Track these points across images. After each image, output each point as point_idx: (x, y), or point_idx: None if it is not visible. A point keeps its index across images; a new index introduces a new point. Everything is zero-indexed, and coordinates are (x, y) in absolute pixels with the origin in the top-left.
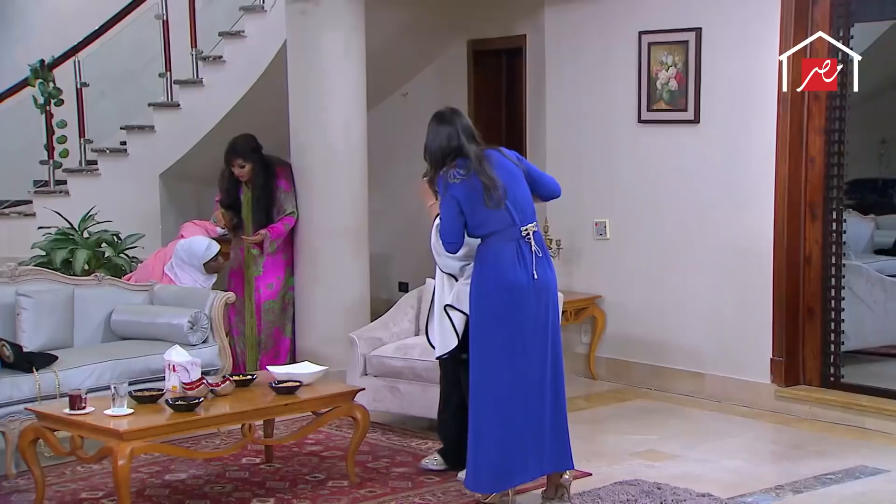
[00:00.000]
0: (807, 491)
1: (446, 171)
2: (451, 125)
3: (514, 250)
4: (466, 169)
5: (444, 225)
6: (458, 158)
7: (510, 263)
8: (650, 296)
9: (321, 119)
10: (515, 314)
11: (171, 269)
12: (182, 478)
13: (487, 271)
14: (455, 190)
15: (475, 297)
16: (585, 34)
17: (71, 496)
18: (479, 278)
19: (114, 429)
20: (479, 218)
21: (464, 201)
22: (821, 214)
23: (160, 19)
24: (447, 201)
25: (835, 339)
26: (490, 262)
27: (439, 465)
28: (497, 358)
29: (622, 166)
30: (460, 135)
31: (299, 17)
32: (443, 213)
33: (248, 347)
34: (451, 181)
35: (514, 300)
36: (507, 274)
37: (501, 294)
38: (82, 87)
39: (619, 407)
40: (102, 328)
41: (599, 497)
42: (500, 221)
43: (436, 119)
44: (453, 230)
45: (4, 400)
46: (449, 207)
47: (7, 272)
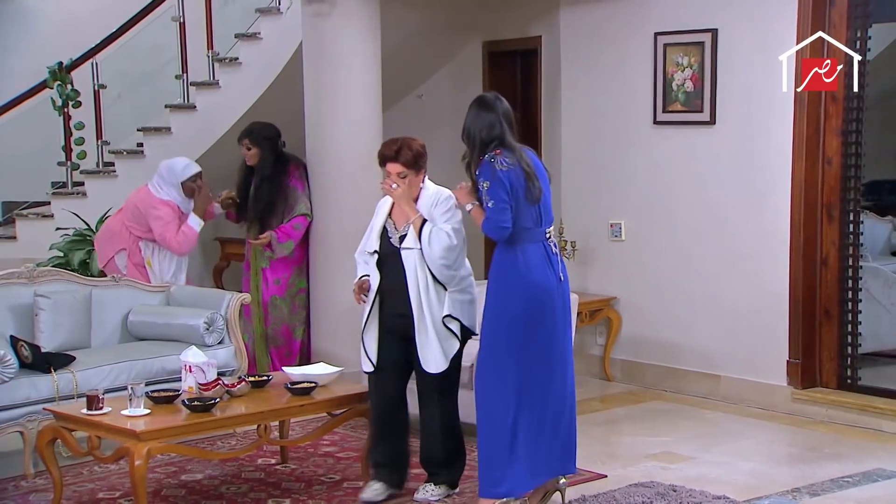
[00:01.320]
0: (823, 494)
1: (493, 157)
2: (493, 112)
3: (542, 251)
4: (513, 158)
5: (496, 210)
6: (501, 147)
7: (540, 265)
8: (665, 297)
9: (336, 120)
10: (547, 318)
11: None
12: (198, 478)
13: (516, 273)
14: (503, 175)
15: (501, 301)
16: (601, 35)
17: (88, 496)
18: (506, 280)
19: (131, 429)
20: (518, 209)
21: (511, 186)
22: (837, 216)
23: (177, 21)
24: (497, 185)
25: (851, 342)
26: (518, 262)
27: (381, 494)
28: (520, 363)
29: (637, 168)
30: (503, 123)
31: (315, 19)
32: (494, 198)
33: (256, 338)
34: (500, 168)
35: (544, 304)
36: (538, 275)
37: (532, 297)
38: (100, 90)
39: (634, 408)
40: (119, 329)
41: (615, 499)
42: (531, 218)
43: (478, 103)
44: (506, 215)
45: (23, 400)
46: (500, 191)
47: (25, 273)
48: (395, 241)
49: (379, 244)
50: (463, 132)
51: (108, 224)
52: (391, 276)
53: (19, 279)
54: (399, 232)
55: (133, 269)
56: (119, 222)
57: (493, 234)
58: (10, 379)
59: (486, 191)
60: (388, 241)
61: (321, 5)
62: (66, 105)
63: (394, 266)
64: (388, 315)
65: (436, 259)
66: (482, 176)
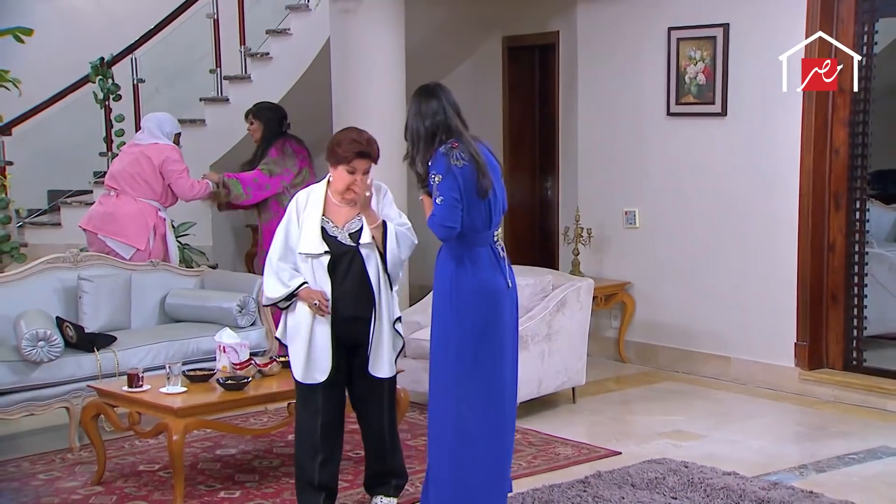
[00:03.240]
0: (830, 470)
1: (449, 150)
2: (437, 98)
3: (489, 253)
4: (468, 154)
5: (446, 207)
6: (452, 139)
7: (488, 267)
8: (678, 282)
9: (362, 113)
10: (497, 324)
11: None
12: (232, 453)
13: (463, 275)
14: (458, 172)
15: (451, 305)
16: (616, 30)
17: (130, 468)
18: (454, 283)
19: (169, 406)
20: (466, 211)
21: (463, 187)
22: (844, 204)
23: (211, 18)
24: (451, 181)
25: (857, 325)
26: (465, 264)
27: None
28: (474, 373)
29: (651, 158)
30: (447, 110)
31: (342, 16)
32: (445, 195)
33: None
34: (456, 164)
35: (494, 309)
36: (487, 279)
37: (481, 302)
38: (138, 83)
39: (648, 389)
40: (157, 311)
41: (629, 475)
42: (480, 218)
43: (419, 93)
44: (455, 214)
45: (68, 377)
46: (452, 189)
47: (70, 258)
48: (344, 239)
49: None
50: (405, 129)
51: (121, 208)
52: (346, 277)
53: (64, 263)
54: (344, 230)
55: (159, 245)
56: (131, 201)
57: (438, 231)
58: (57, 358)
59: (438, 185)
60: (335, 241)
61: (348, 3)
62: (108, 98)
63: (348, 266)
64: (341, 320)
65: (401, 260)
66: (435, 168)
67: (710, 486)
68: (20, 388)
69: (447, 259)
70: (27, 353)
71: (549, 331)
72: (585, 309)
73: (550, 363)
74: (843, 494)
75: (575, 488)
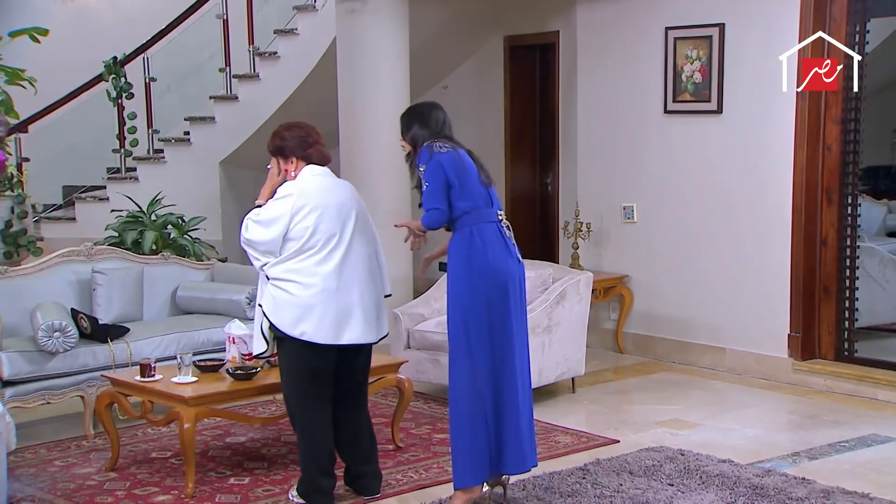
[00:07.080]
0: (821, 457)
1: (431, 143)
2: (443, 112)
3: (496, 232)
4: (451, 142)
5: (431, 191)
6: (441, 142)
7: (497, 246)
8: (675, 275)
9: (368, 110)
10: (506, 301)
11: None
12: (241, 441)
13: (475, 254)
14: (441, 157)
15: (465, 283)
16: (615, 30)
17: (143, 455)
18: (467, 262)
19: (180, 395)
20: (465, 189)
21: (449, 168)
22: (836, 199)
23: (220, 19)
24: (433, 168)
25: (849, 316)
26: (475, 244)
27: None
28: (484, 348)
29: (649, 154)
30: (447, 122)
31: (348, 16)
32: (430, 180)
33: None
34: (437, 150)
35: (503, 286)
36: (497, 257)
37: (492, 279)
38: (150, 82)
39: (645, 379)
40: (168, 303)
41: (627, 462)
42: (482, 197)
43: (427, 105)
44: (441, 196)
45: (82, 367)
46: (436, 174)
47: (84, 251)
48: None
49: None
50: (408, 131)
51: None
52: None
53: (78, 257)
54: None
55: None
56: None
57: (429, 215)
58: (72, 348)
59: (423, 174)
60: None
61: (354, 3)
62: (120, 96)
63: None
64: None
65: (245, 240)
66: (420, 160)
67: (705, 474)
68: (37, 378)
69: (457, 241)
70: (43, 343)
71: (549, 322)
72: (585, 301)
73: (550, 354)
74: (834, 481)
75: (574, 475)
